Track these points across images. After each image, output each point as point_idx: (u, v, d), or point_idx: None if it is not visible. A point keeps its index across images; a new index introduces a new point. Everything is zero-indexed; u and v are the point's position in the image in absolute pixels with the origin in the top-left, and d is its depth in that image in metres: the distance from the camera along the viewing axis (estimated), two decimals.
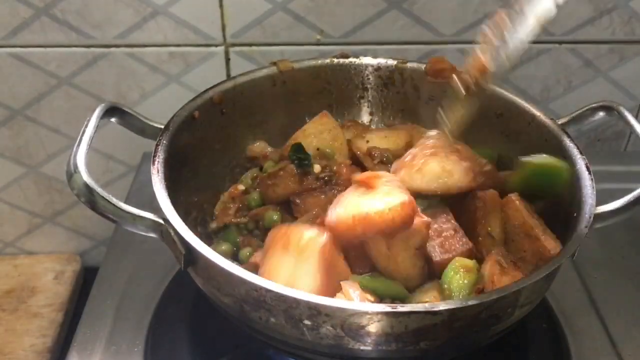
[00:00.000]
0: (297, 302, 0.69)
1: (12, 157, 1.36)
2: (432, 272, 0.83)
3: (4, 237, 1.49)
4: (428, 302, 0.77)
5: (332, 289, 0.75)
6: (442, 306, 0.68)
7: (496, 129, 1.01)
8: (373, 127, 1.10)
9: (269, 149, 1.03)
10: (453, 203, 0.88)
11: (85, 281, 1.43)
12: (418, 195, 0.83)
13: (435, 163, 0.86)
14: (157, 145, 0.87)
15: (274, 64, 1.04)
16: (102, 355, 0.92)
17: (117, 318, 0.98)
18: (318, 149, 0.97)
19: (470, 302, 0.69)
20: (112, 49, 1.24)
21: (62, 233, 1.48)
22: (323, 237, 0.77)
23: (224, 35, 1.23)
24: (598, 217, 0.81)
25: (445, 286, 0.80)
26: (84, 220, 1.46)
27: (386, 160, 0.96)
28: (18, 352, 1.24)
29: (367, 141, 1.00)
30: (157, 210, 0.78)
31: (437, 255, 0.83)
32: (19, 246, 1.50)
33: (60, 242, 1.50)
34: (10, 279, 1.40)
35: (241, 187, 0.98)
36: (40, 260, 1.46)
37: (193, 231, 0.76)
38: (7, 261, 1.46)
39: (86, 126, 0.83)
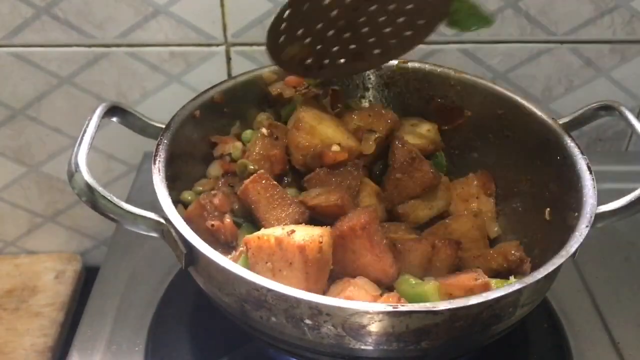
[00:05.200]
0: (298, 301, 0.69)
1: (13, 157, 1.37)
2: None
3: (5, 237, 1.49)
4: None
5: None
6: (443, 306, 0.68)
7: (497, 129, 1.01)
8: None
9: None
10: None
11: (86, 281, 1.44)
12: None
13: None
14: (158, 144, 0.87)
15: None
16: (102, 354, 0.92)
17: (118, 318, 0.98)
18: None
19: (472, 302, 0.69)
20: (113, 49, 1.24)
21: (63, 232, 1.48)
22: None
23: (225, 35, 1.23)
24: (599, 216, 0.81)
25: None
26: (85, 219, 1.46)
27: None
28: (19, 352, 1.24)
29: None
30: (158, 209, 0.78)
31: None
32: (20, 245, 1.50)
33: (61, 242, 1.50)
34: (11, 279, 1.41)
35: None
36: (41, 260, 1.46)
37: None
38: (8, 260, 1.46)
39: (87, 125, 0.83)
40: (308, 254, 0.74)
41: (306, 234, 0.76)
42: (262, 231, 0.80)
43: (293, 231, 0.76)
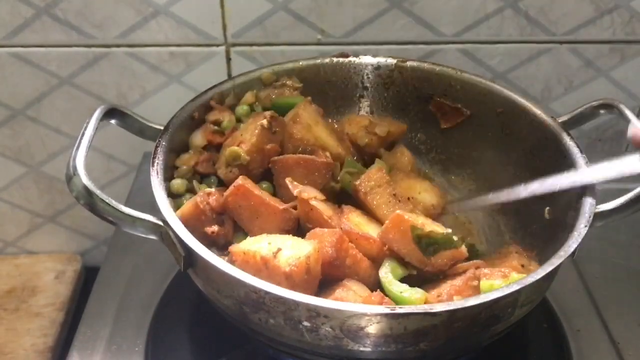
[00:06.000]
0: (296, 303, 0.69)
1: (13, 157, 1.37)
2: None
3: (5, 237, 1.49)
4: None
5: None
6: (441, 307, 0.68)
7: (496, 128, 1.01)
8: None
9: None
10: None
11: (86, 281, 1.44)
12: None
13: None
14: (156, 147, 0.87)
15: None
16: (102, 354, 0.92)
17: (118, 318, 0.98)
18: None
19: (470, 303, 0.69)
20: (113, 49, 1.24)
21: (63, 233, 1.49)
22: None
23: (224, 35, 1.23)
24: (598, 215, 0.81)
25: None
26: (85, 220, 1.46)
27: None
28: (19, 352, 1.24)
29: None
30: (157, 211, 0.78)
31: None
32: (20, 246, 1.50)
33: (61, 242, 1.50)
34: (11, 279, 1.41)
35: None
36: (41, 260, 1.46)
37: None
38: (8, 261, 1.46)
39: (85, 128, 0.83)
40: (295, 278, 0.73)
41: (292, 256, 0.74)
42: (247, 246, 0.78)
43: (279, 250, 0.75)
